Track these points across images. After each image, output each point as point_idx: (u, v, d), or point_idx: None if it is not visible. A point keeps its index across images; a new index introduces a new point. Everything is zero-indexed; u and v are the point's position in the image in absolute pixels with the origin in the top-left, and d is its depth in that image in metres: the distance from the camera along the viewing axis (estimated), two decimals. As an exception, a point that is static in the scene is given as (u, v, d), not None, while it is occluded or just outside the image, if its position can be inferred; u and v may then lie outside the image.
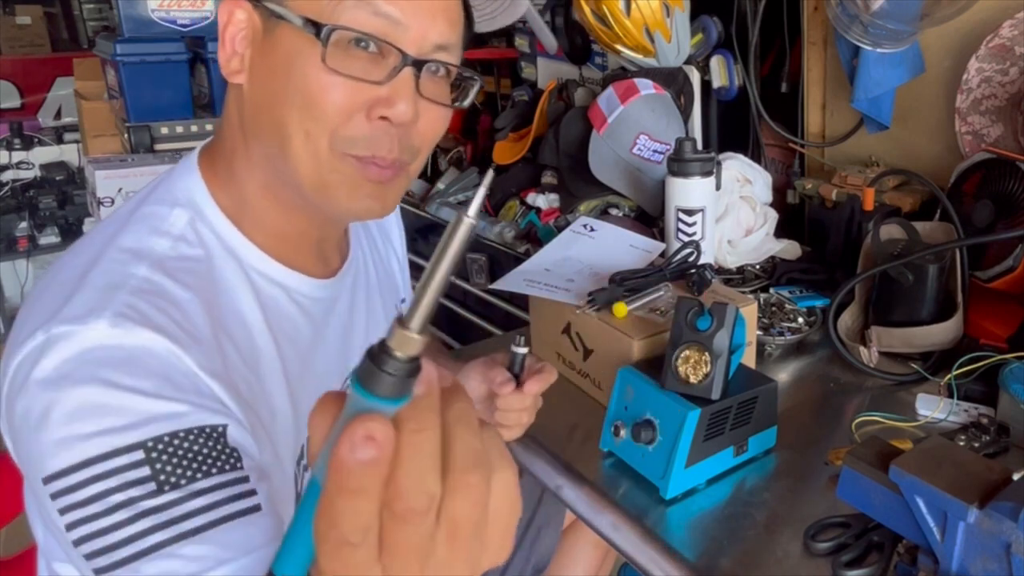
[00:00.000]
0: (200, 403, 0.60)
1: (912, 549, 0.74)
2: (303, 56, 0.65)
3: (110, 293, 0.62)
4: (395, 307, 0.96)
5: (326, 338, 0.79)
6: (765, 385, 0.93)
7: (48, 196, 3.56)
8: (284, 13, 0.65)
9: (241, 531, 0.57)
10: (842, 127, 1.51)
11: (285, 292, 0.74)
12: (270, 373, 0.71)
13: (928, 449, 0.74)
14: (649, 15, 1.45)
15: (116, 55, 2.18)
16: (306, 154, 0.67)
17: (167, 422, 0.57)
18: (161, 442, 0.57)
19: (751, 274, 1.37)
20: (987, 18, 1.25)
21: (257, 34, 0.68)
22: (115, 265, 0.65)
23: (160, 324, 0.61)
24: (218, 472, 0.58)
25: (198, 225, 0.71)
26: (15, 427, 0.61)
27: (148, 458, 0.56)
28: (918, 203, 1.31)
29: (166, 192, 0.72)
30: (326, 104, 0.65)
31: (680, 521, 0.87)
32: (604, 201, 1.47)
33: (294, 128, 0.67)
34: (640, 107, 1.42)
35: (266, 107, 0.68)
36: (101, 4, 5.20)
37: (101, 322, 0.59)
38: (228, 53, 0.69)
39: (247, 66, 0.69)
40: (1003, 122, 1.29)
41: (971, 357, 1.04)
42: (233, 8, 0.67)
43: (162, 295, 0.64)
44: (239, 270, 0.71)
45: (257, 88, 0.69)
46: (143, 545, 0.54)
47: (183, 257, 0.68)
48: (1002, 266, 1.13)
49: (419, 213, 1.67)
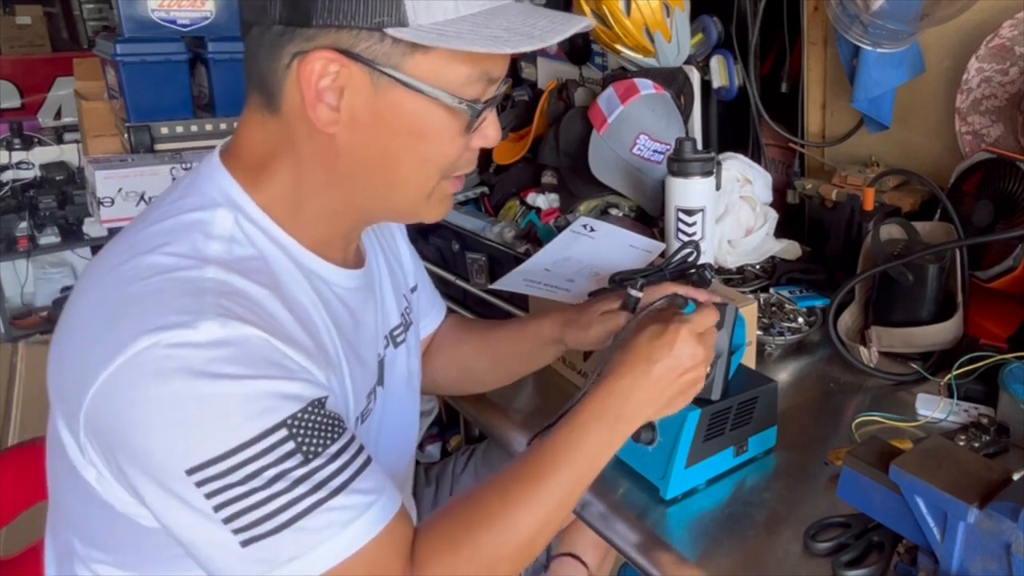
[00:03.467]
0: (307, 378, 0.68)
1: (912, 549, 0.74)
2: (445, 125, 0.72)
3: (199, 297, 0.65)
4: (403, 296, 0.99)
5: (363, 324, 0.84)
6: (765, 385, 0.93)
7: (48, 196, 3.55)
8: (425, 89, 0.69)
9: (371, 477, 0.68)
10: (842, 127, 1.51)
11: (327, 285, 0.79)
12: (332, 357, 0.76)
13: (928, 449, 0.74)
14: (649, 15, 1.45)
15: (116, 55, 2.18)
16: (417, 194, 0.77)
17: (295, 401, 0.65)
18: (296, 418, 0.64)
19: (751, 274, 1.37)
20: (987, 18, 1.25)
21: (359, 91, 0.69)
22: (184, 271, 0.67)
23: (253, 320, 0.66)
24: (339, 436, 0.67)
25: (243, 223, 0.73)
26: (115, 426, 0.64)
27: (291, 434, 0.64)
28: (918, 203, 1.31)
29: (201, 197, 0.74)
30: (452, 158, 0.75)
31: (680, 521, 0.87)
32: (604, 201, 1.47)
33: (413, 179, 0.75)
34: (640, 107, 1.42)
35: (376, 161, 0.73)
36: (101, 4, 5.20)
37: (210, 323, 0.63)
38: (319, 103, 0.69)
39: (345, 118, 0.70)
40: (1003, 122, 1.29)
41: (971, 357, 1.04)
42: (327, 62, 0.68)
43: (241, 295, 0.68)
44: (291, 264, 0.75)
45: (361, 142, 0.72)
46: (305, 505, 0.63)
47: (240, 258, 0.71)
48: (1002, 266, 1.12)
49: (419, 213, 1.67)
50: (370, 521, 0.66)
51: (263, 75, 0.72)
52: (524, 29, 0.69)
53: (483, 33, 0.68)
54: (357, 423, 0.81)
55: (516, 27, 0.69)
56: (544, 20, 0.71)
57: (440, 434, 2.29)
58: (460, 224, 1.55)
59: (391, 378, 0.92)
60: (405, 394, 0.96)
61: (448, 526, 0.74)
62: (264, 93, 0.73)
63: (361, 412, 0.82)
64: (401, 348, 0.95)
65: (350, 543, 0.65)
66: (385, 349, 0.91)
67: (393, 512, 0.69)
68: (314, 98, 0.69)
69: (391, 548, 0.68)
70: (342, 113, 0.70)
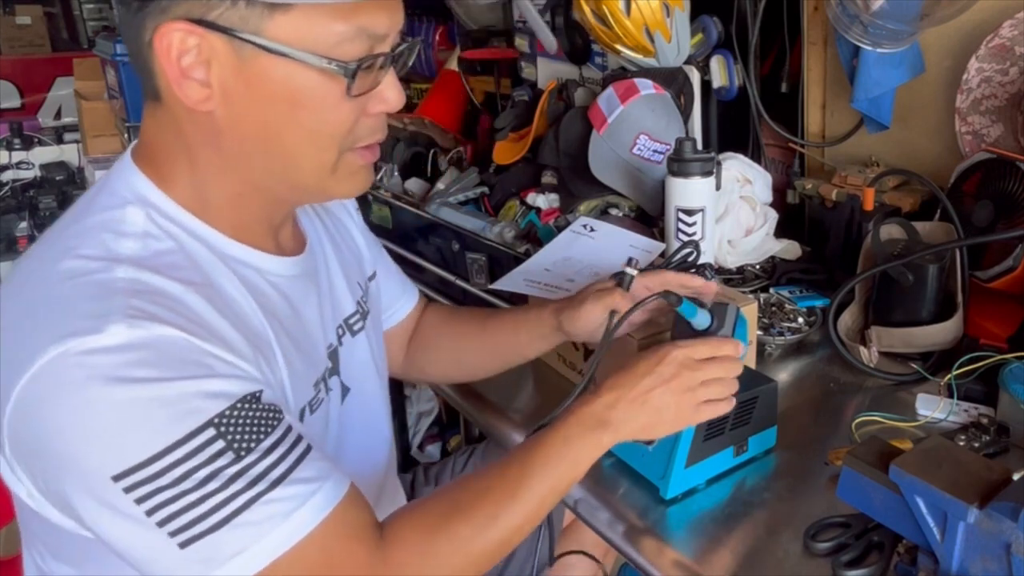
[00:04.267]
0: (235, 374, 0.66)
1: (912, 549, 0.74)
2: (321, 90, 0.68)
3: (108, 299, 0.63)
4: (358, 284, 0.97)
5: (303, 314, 0.82)
6: (765, 385, 0.93)
7: (48, 196, 3.56)
8: (290, 52, 0.65)
9: (312, 465, 0.67)
10: (842, 127, 1.51)
11: (259, 273, 0.77)
12: (266, 347, 0.73)
13: (928, 449, 0.74)
14: (649, 15, 1.45)
15: (116, 55, 2.18)
16: (316, 168, 0.73)
17: (222, 399, 0.63)
18: (224, 416, 0.63)
19: (751, 274, 1.37)
20: (987, 18, 1.25)
21: (225, 62, 0.66)
22: (92, 275, 0.65)
23: (168, 319, 0.64)
24: (274, 429, 0.66)
25: (156, 218, 0.71)
26: (32, 441, 0.62)
27: (220, 432, 0.62)
28: (918, 203, 1.31)
29: (110, 196, 0.72)
30: (344, 126, 0.71)
31: (680, 521, 0.87)
32: (604, 201, 1.47)
33: (305, 152, 0.71)
34: (640, 107, 1.42)
35: (260, 136, 0.70)
36: (101, 4, 5.20)
37: (118, 325, 0.61)
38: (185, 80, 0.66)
39: (217, 93, 0.67)
40: (1003, 122, 1.29)
41: (971, 357, 1.03)
42: (185, 35, 0.65)
43: (157, 292, 0.65)
44: (212, 256, 0.73)
45: (240, 116, 0.69)
46: (242, 500, 0.62)
47: (158, 253, 0.69)
48: (1002, 266, 1.12)
49: (419, 213, 1.67)
50: (315, 507, 0.65)
51: (135, 59, 0.69)
52: None
53: None
54: (304, 413, 0.79)
55: None
56: None
57: (440, 434, 2.29)
58: (460, 224, 1.55)
59: (350, 368, 0.90)
60: (369, 383, 0.94)
61: (425, 515, 0.73)
62: (145, 79, 0.70)
63: (308, 402, 0.79)
64: (360, 336, 0.93)
65: (295, 530, 0.63)
66: (341, 338, 0.89)
67: (340, 495, 0.67)
68: (179, 75, 0.66)
69: (344, 531, 0.67)
70: (214, 88, 0.67)
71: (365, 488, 0.96)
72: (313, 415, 0.80)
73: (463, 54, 2.14)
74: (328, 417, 0.84)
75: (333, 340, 0.88)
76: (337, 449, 0.86)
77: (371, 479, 0.96)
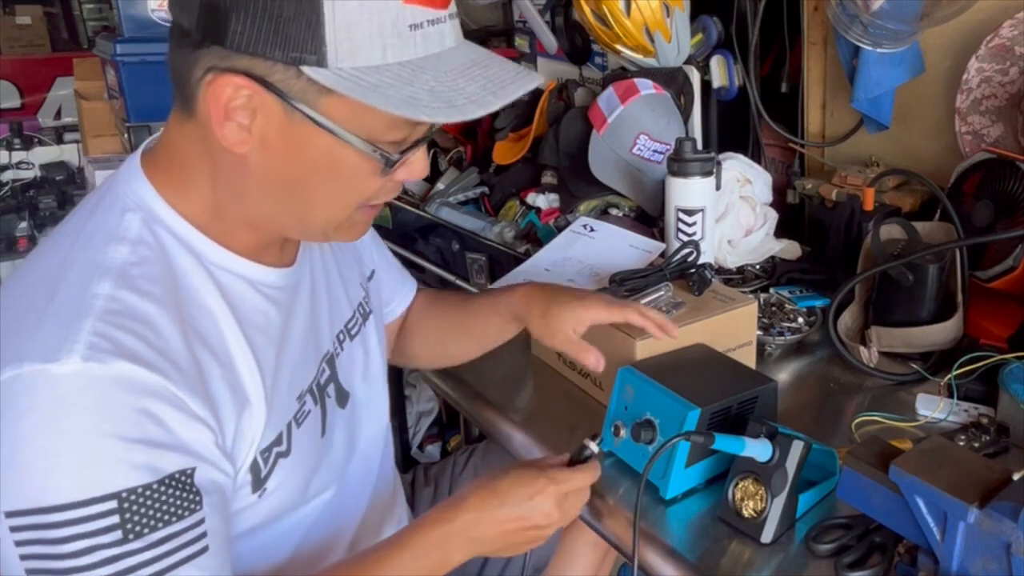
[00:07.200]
0: (171, 444, 0.63)
1: (912, 549, 0.74)
2: (358, 166, 0.69)
3: (77, 322, 0.62)
4: (360, 285, 0.97)
5: (295, 324, 0.81)
6: (765, 385, 0.93)
7: (48, 196, 3.56)
8: (338, 131, 0.66)
9: (200, 565, 0.64)
10: (842, 127, 1.51)
11: (248, 284, 0.76)
12: (242, 365, 0.73)
13: (928, 449, 0.74)
14: (649, 15, 1.45)
15: (116, 55, 2.18)
16: (328, 221, 0.75)
17: (142, 473, 0.61)
18: (135, 493, 0.61)
19: (751, 274, 1.37)
20: (987, 18, 1.25)
21: (271, 118, 0.66)
22: (78, 284, 0.65)
23: (133, 350, 0.62)
24: (178, 519, 0.63)
25: (153, 226, 0.71)
26: None
27: (120, 508, 0.60)
28: (918, 203, 1.31)
29: (113, 201, 0.72)
30: (368, 193, 0.73)
31: (680, 521, 0.87)
32: (604, 201, 1.47)
33: (324, 209, 0.73)
34: (640, 107, 1.42)
35: (286, 187, 0.71)
36: (101, 4, 5.20)
37: (73, 357, 0.60)
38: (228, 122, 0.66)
39: (256, 141, 0.68)
40: (1003, 122, 1.29)
41: (971, 357, 1.03)
42: (240, 84, 0.65)
43: (130, 315, 0.65)
44: (198, 265, 0.72)
45: (272, 166, 0.69)
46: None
47: (144, 260, 0.69)
48: (1002, 266, 1.12)
49: (419, 213, 1.67)
50: None
51: (180, 77, 0.69)
52: (448, 94, 0.65)
53: (403, 92, 0.63)
54: (291, 427, 0.77)
55: (443, 88, 0.65)
56: (477, 84, 0.67)
57: (440, 434, 2.29)
58: (460, 224, 1.55)
59: (349, 373, 0.90)
60: (368, 385, 0.94)
61: None
62: (182, 96, 0.70)
63: (294, 416, 0.78)
64: (358, 340, 0.93)
65: None
66: (342, 343, 0.89)
67: None
68: (222, 117, 0.66)
69: None
70: (253, 135, 0.67)
71: (366, 490, 0.96)
72: (300, 428, 0.79)
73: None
74: (325, 425, 0.84)
75: (330, 348, 0.87)
76: (339, 453, 0.86)
77: (372, 480, 0.96)
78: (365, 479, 0.95)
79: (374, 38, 0.63)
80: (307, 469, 0.80)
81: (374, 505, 0.97)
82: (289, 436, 0.77)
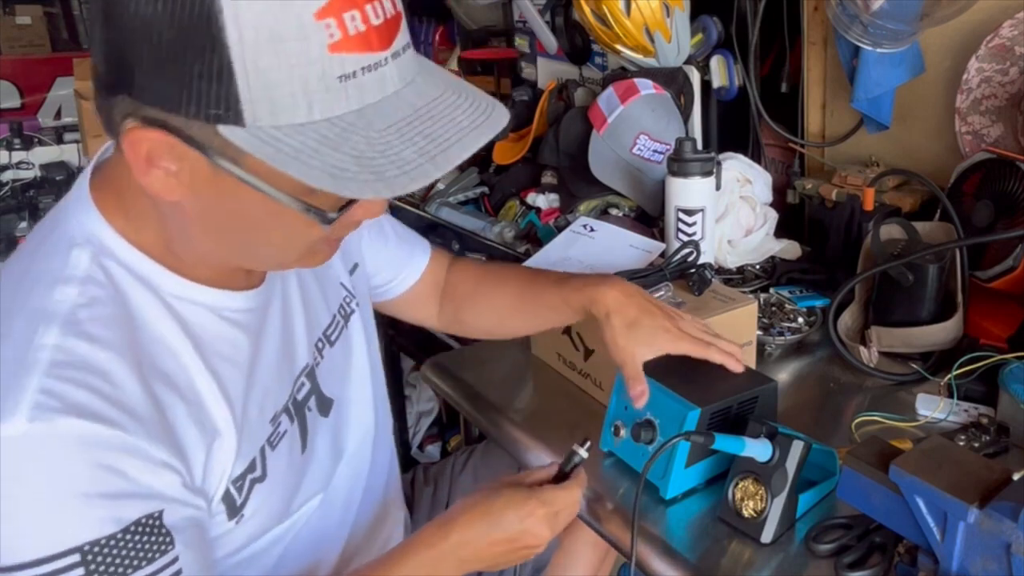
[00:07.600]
0: (133, 492, 0.61)
1: (912, 549, 0.74)
2: (296, 220, 0.63)
3: (22, 379, 0.59)
4: (341, 284, 0.94)
5: (266, 346, 0.78)
6: (765, 385, 0.93)
7: (48, 196, 3.56)
8: (267, 190, 0.60)
9: None
10: (842, 127, 1.51)
11: (211, 311, 0.72)
12: (208, 398, 0.70)
13: (928, 449, 0.74)
14: (649, 15, 1.45)
15: (116, 55, 2.18)
16: (280, 262, 0.74)
17: (106, 524, 0.59)
18: (98, 544, 0.58)
19: (751, 274, 1.37)
20: (987, 18, 1.25)
21: (197, 168, 0.60)
22: (23, 336, 0.61)
23: (83, 405, 0.59)
24: (148, 563, 0.61)
25: (104, 260, 0.67)
26: None
27: (84, 560, 0.58)
28: (918, 203, 1.31)
29: (59, 237, 0.68)
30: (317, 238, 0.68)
31: (680, 521, 0.87)
32: (604, 201, 1.48)
33: (273, 253, 0.70)
34: (640, 107, 1.42)
35: (228, 232, 0.67)
36: (101, 4, 5.19)
37: (17, 418, 0.57)
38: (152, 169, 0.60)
39: (186, 189, 0.62)
40: (1003, 122, 1.29)
41: (971, 357, 1.03)
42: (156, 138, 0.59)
43: (79, 365, 0.61)
44: (155, 299, 0.68)
45: (209, 213, 0.65)
46: None
47: (94, 300, 0.64)
48: (1002, 266, 1.12)
49: (419, 213, 1.67)
50: None
51: (104, 118, 0.62)
52: (378, 162, 0.57)
53: (327, 160, 0.56)
54: (264, 452, 0.75)
55: (373, 154, 0.57)
56: (415, 147, 0.58)
57: (440, 434, 2.29)
58: (460, 224, 1.55)
59: (330, 379, 0.87)
60: (355, 385, 0.92)
61: None
62: (112, 135, 0.63)
63: (267, 439, 0.75)
64: (338, 345, 0.90)
65: None
66: (322, 351, 0.87)
67: None
68: (144, 166, 0.60)
69: None
70: (182, 182, 0.61)
71: (366, 490, 0.96)
72: (275, 450, 0.77)
73: (463, 54, 2.15)
74: (305, 441, 0.82)
75: (309, 360, 0.84)
76: (323, 463, 0.85)
77: (364, 477, 0.96)
78: (356, 478, 0.93)
79: (297, 95, 0.56)
80: (286, 490, 0.78)
81: (368, 499, 0.96)
82: (263, 461, 0.75)
